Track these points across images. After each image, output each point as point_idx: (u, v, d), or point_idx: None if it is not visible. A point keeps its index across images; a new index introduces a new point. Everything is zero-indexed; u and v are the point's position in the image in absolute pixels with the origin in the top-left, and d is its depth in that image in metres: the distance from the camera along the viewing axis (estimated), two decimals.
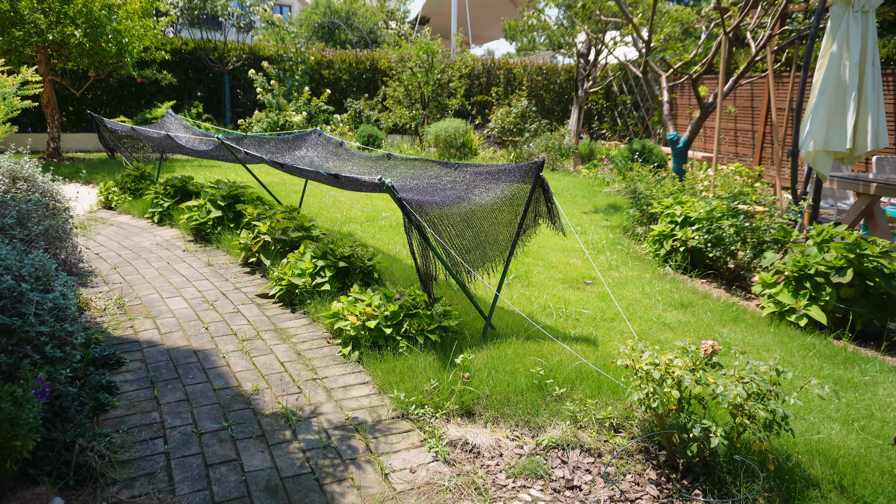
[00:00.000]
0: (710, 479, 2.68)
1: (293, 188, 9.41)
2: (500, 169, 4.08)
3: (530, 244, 6.61)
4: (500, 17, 18.08)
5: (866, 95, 5.43)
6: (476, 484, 2.68)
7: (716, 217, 5.58)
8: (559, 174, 12.55)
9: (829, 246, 4.53)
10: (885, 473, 2.72)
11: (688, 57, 10.66)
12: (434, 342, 3.87)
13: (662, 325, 4.43)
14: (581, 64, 14.37)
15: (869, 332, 4.58)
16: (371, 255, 4.95)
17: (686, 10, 12.53)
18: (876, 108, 5.46)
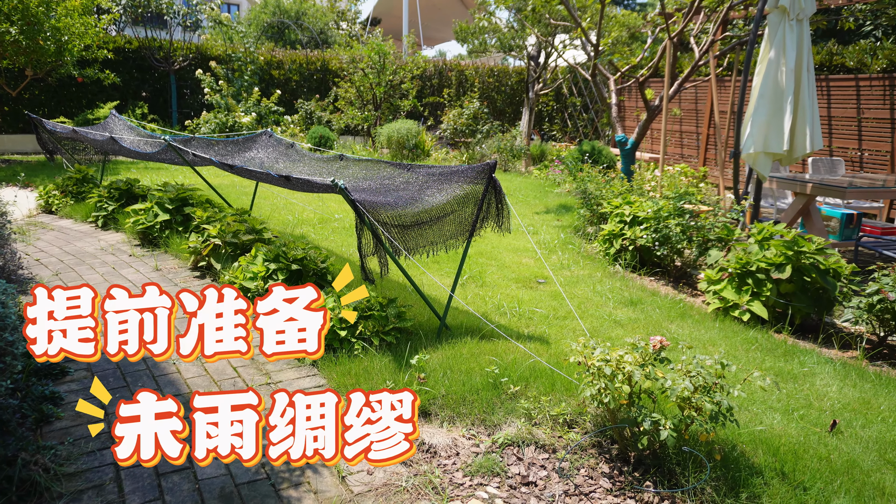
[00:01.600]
0: (660, 470, 2.76)
1: (244, 190, 9.25)
2: (453, 170, 4.11)
3: (484, 245, 6.67)
4: (452, 18, 18.17)
5: (802, 100, 5.68)
6: (433, 483, 2.70)
7: (663, 216, 5.74)
8: (511, 175, 12.69)
9: (770, 244, 4.71)
10: (822, 459, 2.86)
11: (634, 61, 10.93)
12: (390, 343, 3.87)
13: (613, 322, 4.54)
14: (531, 66, 14.56)
15: (807, 325, 4.78)
16: (324, 257, 4.92)
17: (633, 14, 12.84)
18: (811, 112, 5.72)
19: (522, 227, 7.40)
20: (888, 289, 4.13)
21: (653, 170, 9.25)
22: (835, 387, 3.66)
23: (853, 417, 3.31)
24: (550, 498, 2.63)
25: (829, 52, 10.20)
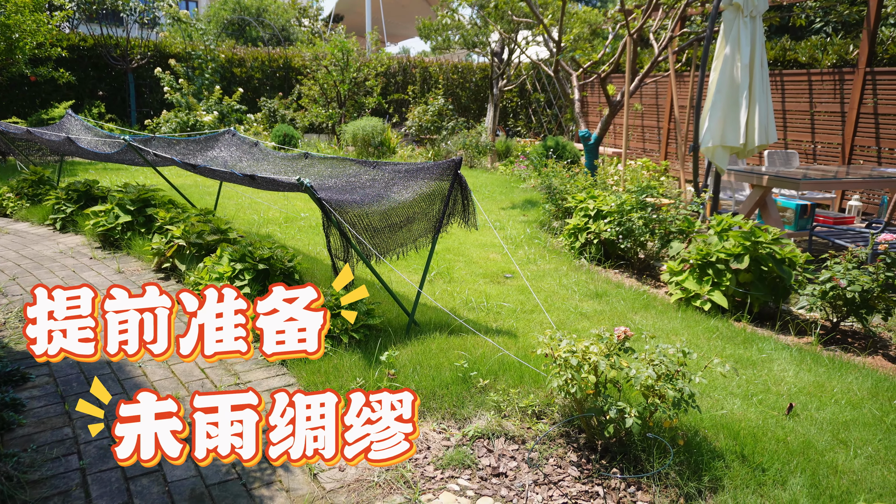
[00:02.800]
0: (626, 457, 2.83)
1: (207, 190, 9.12)
2: (419, 167, 4.14)
3: (451, 241, 6.71)
4: (415, 15, 18.16)
5: (756, 95, 5.84)
6: (405, 477, 2.73)
7: (626, 210, 5.85)
8: (477, 171, 12.75)
9: (728, 235, 4.85)
10: (779, 441, 2.97)
11: (596, 57, 11.07)
12: (359, 341, 3.88)
13: (579, 314, 4.62)
14: (495, 63, 14.64)
15: (765, 313, 4.94)
16: (291, 256, 4.90)
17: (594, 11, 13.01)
18: (765, 107, 5.88)
19: (489, 222, 7.46)
20: (840, 276, 4.29)
21: (616, 164, 9.40)
22: (791, 372, 3.79)
23: (808, 400, 3.43)
24: (520, 488, 2.69)
25: (783, 48, 10.49)
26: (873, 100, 9.10)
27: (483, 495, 2.64)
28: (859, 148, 9.40)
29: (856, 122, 9.36)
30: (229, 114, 13.84)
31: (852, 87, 9.38)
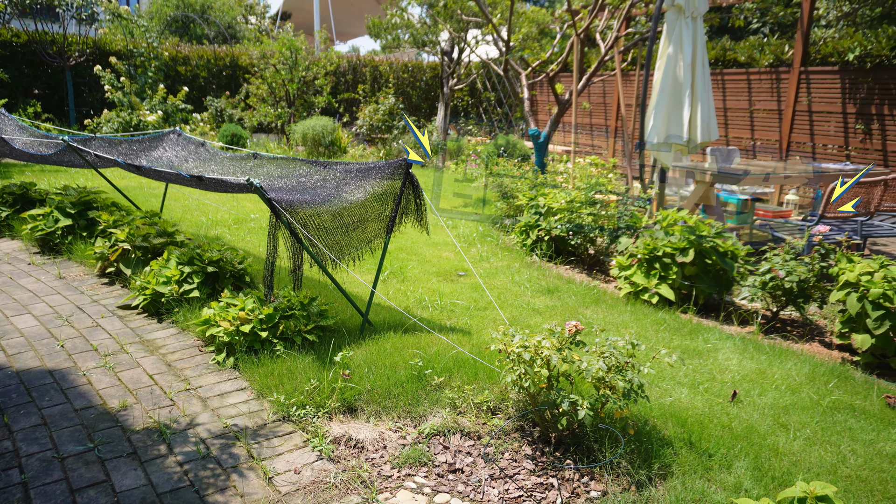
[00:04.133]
0: (579, 448, 2.89)
1: (153, 192, 8.88)
2: (371, 166, 4.13)
3: (404, 240, 6.71)
4: (364, 13, 18.04)
5: (698, 93, 6.03)
6: (362, 477, 2.72)
7: (575, 207, 5.96)
8: (429, 170, 12.76)
9: (674, 230, 4.99)
10: (724, 427, 3.08)
11: (544, 56, 11.22)
12: (312, 342, 3.85)
13: (532, 310, 4.69)
14: (445, 62, 14.68)
15: (710, 304, 5.10)
16: (241, 258, 4.82)
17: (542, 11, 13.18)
18: (707, 105, 6.08)
19: (441, 222, 7.49)
20: (778, 267, 4.47)
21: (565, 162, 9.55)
22: (735, 360, 3.93)
23: (751, 387, 3.57)
24: (477, 483, 2.71)
25: (723, 48, 10.83)
26: (808, 98, 9.49)
27: (440, 492, 2.66)
28: (795, 144, 9.79)
29: (792, 119, 9.76)
30: (174, 113, 13.49)
31: (788, 85, 9.76)
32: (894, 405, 3.41)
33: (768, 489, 2.62)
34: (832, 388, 3.60)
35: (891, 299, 3.77)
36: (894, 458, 2.90)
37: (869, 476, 2.75)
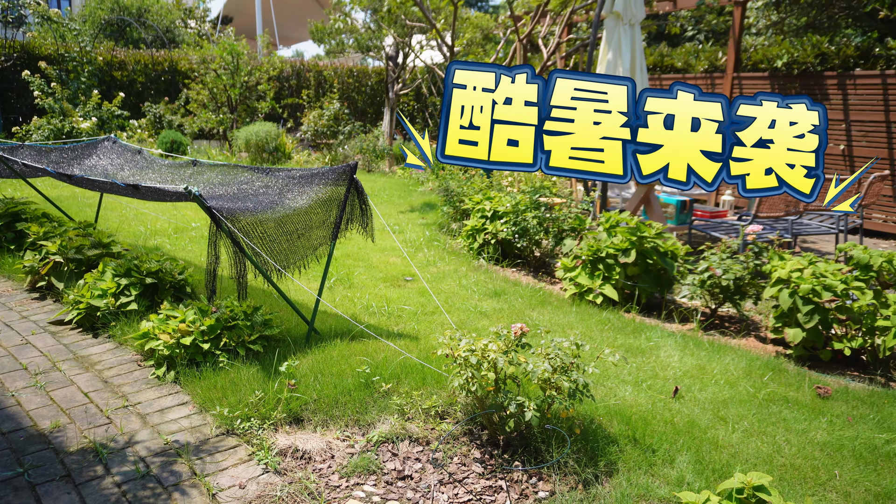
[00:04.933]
0: (527, 450, 2.92)
1: (87, 202, 8.55)
2: (314, 172, 4.08)
3: (351, 246, 6.65)
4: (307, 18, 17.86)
5: None
6: (309, 489, 2.68)
7: (521, 210, 6.02)
8: (375, 175, 12.71)
9: (616, 231, 5.10)
10: (667, 423, 3.15)
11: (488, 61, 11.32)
12: (256, 353, 3.77)
13: (479, 313, 4.71)
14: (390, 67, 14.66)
15: (652, 303, 5.23)
16: (182, 268, 4.68)
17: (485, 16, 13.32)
18: None
19: (387, 227, 7.46)
20: (715, 266, 4.62)
21: None
22: (676, 357, 4.04)
23: (692, 383, 3.67)
24: (426, 489, 2.70)
25: (661, 54, 11.16)
26: None
27: (389, 500, 2.64)
28: None
29: None
30: (110, 120, 13.04)
31: (723, 90, 10.12)
32: (824, 395, 3.57)
33: (709, 482, 2.70)
34: (767, 381, 3.74)
35: (819, 294, 3.94)
36: (825, 445, 3.03)
37: (802, 464, 2.87)
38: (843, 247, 4.56)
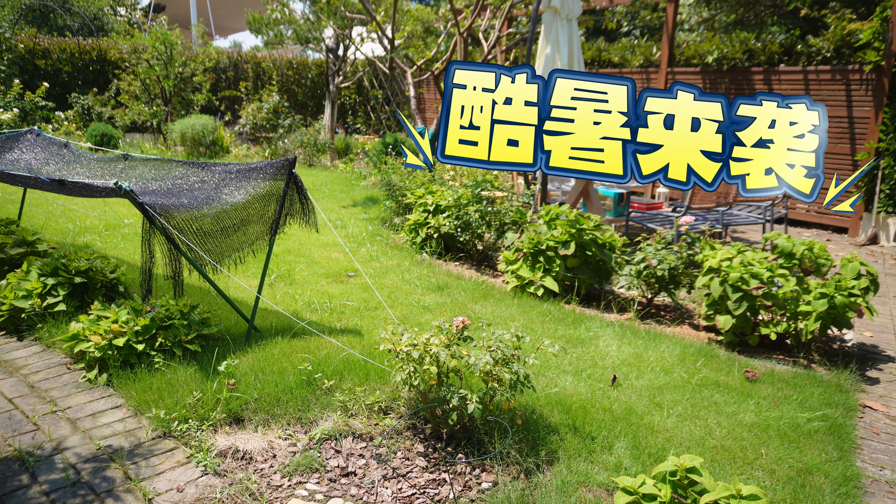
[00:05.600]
0: (470, 442, 2.95)
1: (9, 197, 8.13)
2: (252, 167, 3.99)
3: (292, 242, 6.55)
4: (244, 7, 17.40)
5: None
6: (250, 489, 2.63)
7: (463, 204, 6.06)
8: (317, 170, 12.54)
9: (556, 224, 5.19)
10: (606, 411, 3.24)
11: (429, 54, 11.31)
12: (194, 352, 3.68)
13: (422, 308, 4.72)
14: (331, 59, 14.45)
15: (591, 294, 5.36)
16: (114, 266, 4.51)
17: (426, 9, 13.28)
18: None
19: (328, 223, 7.38)
20: (651, 256, 4.76)
21: None
22: (615, 346, 4.15)
23: (630, 371, 3.78)
24: (370, 485, 2.70)
25: (598, 49, 11.38)
26: None
27: (333, 497, 2.62)
28: None
29: None
30: (33, 111, 12.41)
31: (657, 84, 10.41)
32: (752, 379, 3.73)
33: (645, 466, 2.79)
34: (700, 366, 3.89)
35: (747, 282, 4.11)
36: (752, 426, 3.18)
37: (732, 445, 3.00)
38: (768, 236, 4.77)
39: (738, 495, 2.08)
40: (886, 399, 3.70)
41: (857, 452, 3.09)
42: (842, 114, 8.24)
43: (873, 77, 7.87)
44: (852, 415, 3.41)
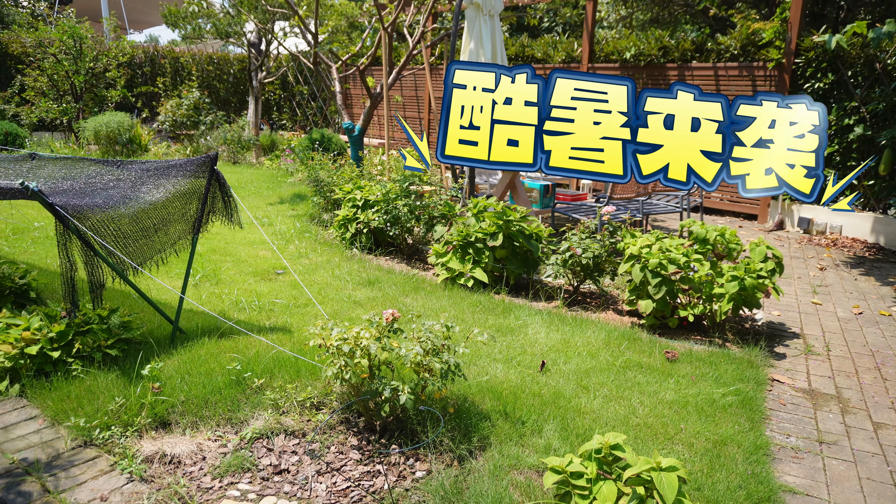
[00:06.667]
0: (403, 432, 2.97)
1: None
2: (172, 164, 3.87)
3: (217, 241, 6.38)
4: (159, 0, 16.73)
5: None
6: (179, 493, 2.57)
7: (392, 198, 6.06)
8: (242, 167, 12.23)
9: (484, 216, 5.27)
10: (535, 396, 3.33)
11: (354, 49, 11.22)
12: (115, 357, 3.55)
13: (353, 303, 4.70)
14: (253, 54, 14.10)
15: (520, 284, 5.47)
16: (24, 272, 4.28)
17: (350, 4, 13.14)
18: None
19: (254, 220, 7.23)
20: (576, 245, 4.91)
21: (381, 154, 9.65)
22: (543, 333, 4.26)
23: (558, 356, 3.90)
24: (304, 481, 2.68)
25: (522, 45, 11.58)
26: None
27: (266, 495, 2.59)
28: None
29: None
30: None
31: None
32: (672, 359, 3.92)
33: (573, 446, 2.89)
34: (624, 349, 4.05)
35: (666, 268, 4.31)
36: (672, 403, 3.34)
37: (654, 422, 3.14)
38: (684, 224, 5.01)
39: (659, 467, 2.18)
40: (792, 372, 3.97)
41: (766, 423, 3.31)
42: None
43: (776, 74, 8.35)
44: (762, 388, 3.64)
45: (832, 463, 2.99)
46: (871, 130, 7.45)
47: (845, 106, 7.68)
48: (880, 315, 5.10)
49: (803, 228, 8.19)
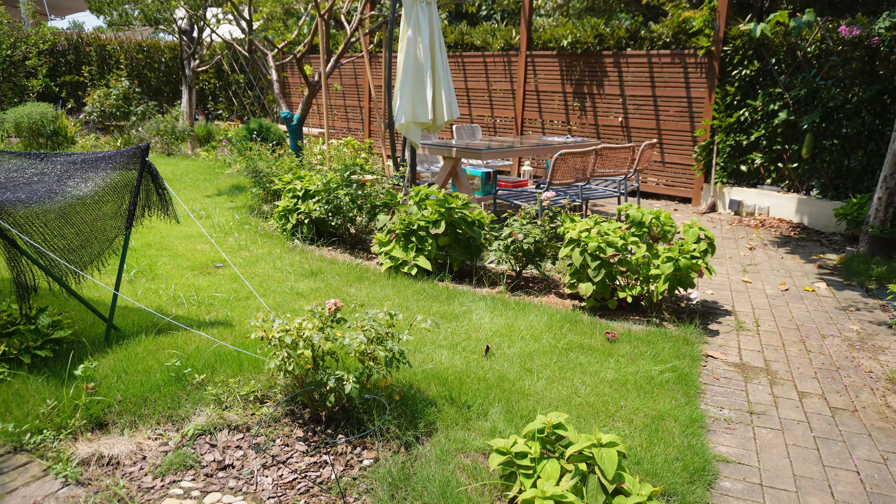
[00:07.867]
0: (350, 422, 2.97)
1: None
2: (100, 156, 3.72)
3: (153, 235, 6.18)
4: None
5: (439, 74, 6.40)
6: (119, 495, 2.50)
7: (333, 188, 5.99)
8: (177, 159, 11.85)
9: (426, 204, 5.28)
10: (480, 380, 3.38)
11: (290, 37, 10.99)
12: (46, 359, 3.40)
13: (296, 294, 4.65)
14: (185, 42, 13.64)
15: (463, 270, 5.52)
16: None
17: None
18: (447, 85, 6.48)
19: (190, 213, 7.03)
20: (517, 231, 4.98)
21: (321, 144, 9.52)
22: (487, 318, 4.32)
23: (502, 340, 3.95)
24: (249, 475, 2.65)
25: (461, 32, 11.59)
26: (535, 79, 10.60)
27: (210, 492, 2.55)
28: (528, 121, 10.90)
29: (523, 98, 10.82)
30: None
31: (518, 68, 10.79)
32: (612, 339, 4.03)
33: (518, 428, 2.95)
34: (566, 332, 4.14)
35: (604, 251, 4.42)
36: (612, 382, 3.45)
37: (595, 401, 3.24)
38: (621, 207, 5.14)
39: (599, 444, 2.25)
40: (725, 348, 4.14)
41: (701, 397, 3.45)
42: (681, 94, 8.98)
43: (706, 61, 8.63)
44: (697, 364, 3.79)
45: (762, 432, 3.15)
46: (794, 116, 7.81)
47: (770, 92, 8.01)
48: (804, 291, 5.37)
49: (734, 210, 8.52)
